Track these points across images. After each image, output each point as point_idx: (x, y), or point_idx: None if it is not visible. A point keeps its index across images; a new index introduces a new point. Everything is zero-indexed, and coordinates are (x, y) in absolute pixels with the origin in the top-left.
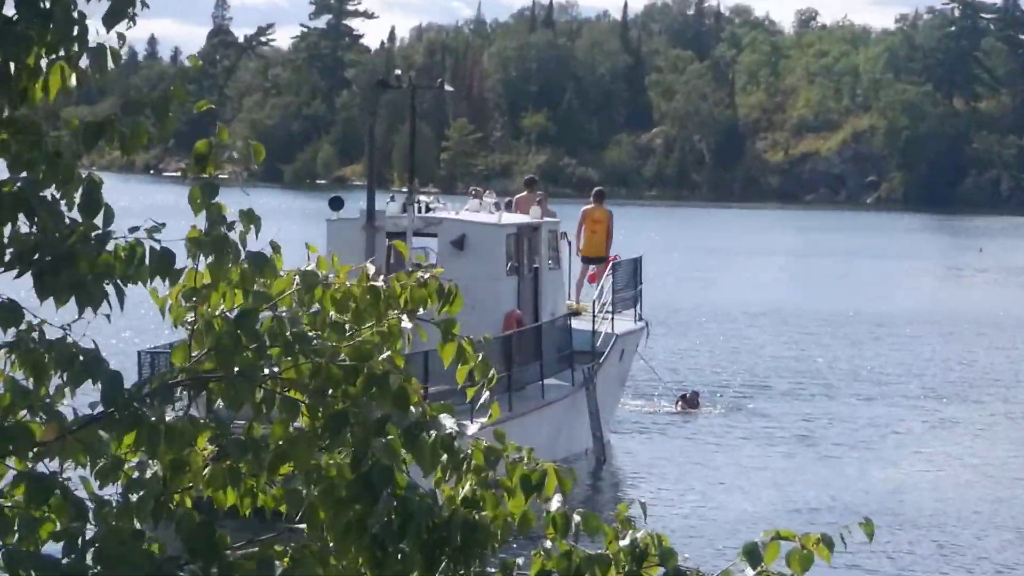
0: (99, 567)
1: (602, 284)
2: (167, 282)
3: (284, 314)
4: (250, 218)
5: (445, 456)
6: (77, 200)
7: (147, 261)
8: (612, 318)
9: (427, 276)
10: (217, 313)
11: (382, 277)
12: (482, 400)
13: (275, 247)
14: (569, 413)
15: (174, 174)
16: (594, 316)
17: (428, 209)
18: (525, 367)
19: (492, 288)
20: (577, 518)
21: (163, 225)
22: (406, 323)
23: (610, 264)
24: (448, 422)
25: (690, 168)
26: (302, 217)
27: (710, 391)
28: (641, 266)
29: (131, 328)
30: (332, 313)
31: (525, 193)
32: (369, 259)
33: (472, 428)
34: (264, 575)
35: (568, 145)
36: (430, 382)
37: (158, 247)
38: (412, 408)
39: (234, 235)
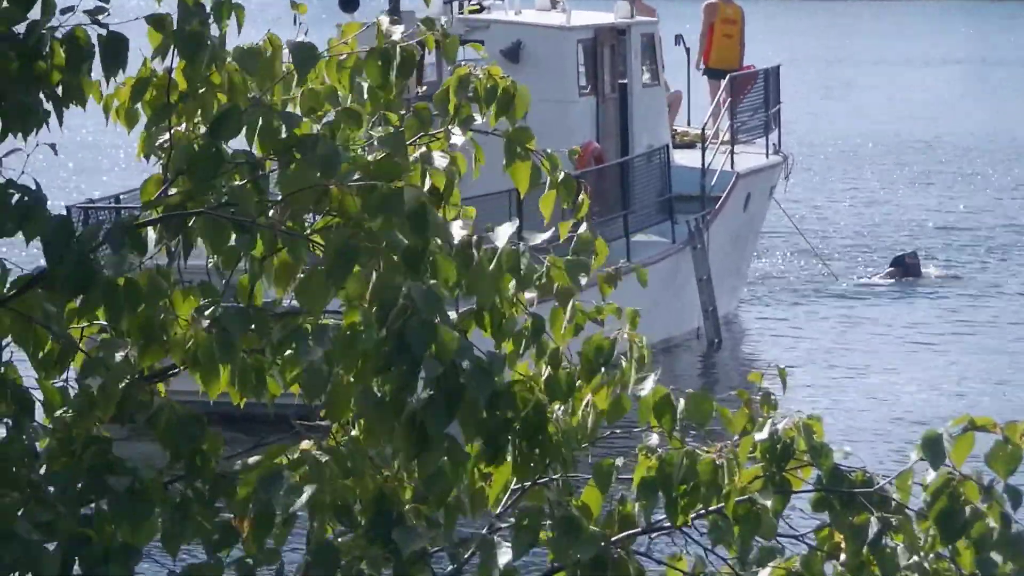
0: (52, 486)
1: (715, 103)
2: (111, 82)
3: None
4: (231, 8)
5: (513, 283)
6: None
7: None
8: (732, 150)
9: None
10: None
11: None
12: (581, 231)
13: (275, 41)
14: (669, 281)
15: None
16: (704, 148)
17: (481, 9)
18: (606, 219)
19: (559, 113)
20: (681, 402)
21: (107, 3)
22: (457, 136)
23: (728, 76)
24: (506, 232)
25: None
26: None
27: (879, 256)
28: (778, 79)
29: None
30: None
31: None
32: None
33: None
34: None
35: None
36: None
37: (104, 34)
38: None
39: (212, 31)
